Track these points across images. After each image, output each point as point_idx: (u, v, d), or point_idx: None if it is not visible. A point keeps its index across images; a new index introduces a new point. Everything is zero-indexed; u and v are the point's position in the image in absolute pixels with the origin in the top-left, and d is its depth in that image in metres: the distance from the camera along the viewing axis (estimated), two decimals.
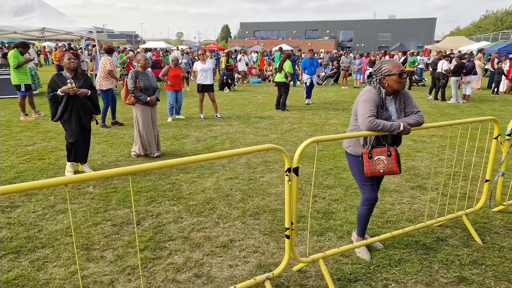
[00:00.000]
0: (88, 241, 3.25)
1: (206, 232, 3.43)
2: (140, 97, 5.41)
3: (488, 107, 11.29)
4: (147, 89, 5.48)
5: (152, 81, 5.59)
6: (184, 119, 8.75)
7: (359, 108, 2.75)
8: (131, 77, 5.44)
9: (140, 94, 5.42)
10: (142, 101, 5.43)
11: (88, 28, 12.45)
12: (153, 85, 5.58)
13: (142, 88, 5.45)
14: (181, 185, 4.58)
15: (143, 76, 5.49)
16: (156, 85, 5.69)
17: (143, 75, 5.51)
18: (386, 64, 2.77)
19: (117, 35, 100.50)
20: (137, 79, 5.44)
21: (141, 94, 5.42)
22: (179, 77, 8.44)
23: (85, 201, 4.06)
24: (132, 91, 5.42)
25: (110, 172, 1.95)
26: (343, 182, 4.71)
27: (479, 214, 3.79)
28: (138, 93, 5.41)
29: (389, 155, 2.73)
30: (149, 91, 5.51)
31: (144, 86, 5.44)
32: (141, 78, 5.46)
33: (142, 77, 5.47)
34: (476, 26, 52.48)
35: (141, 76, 5.49)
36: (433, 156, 5.89)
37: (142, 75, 5.50)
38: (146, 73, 5.59)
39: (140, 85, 5.43)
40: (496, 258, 3.03)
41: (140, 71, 5.55)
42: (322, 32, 73.36)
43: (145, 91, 5.47)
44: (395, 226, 3.55)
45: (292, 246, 2.57)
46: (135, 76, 5.45)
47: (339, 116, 9.45)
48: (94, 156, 5.74)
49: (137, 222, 3.60)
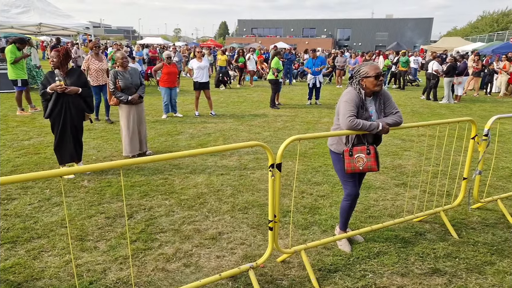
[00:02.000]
0: (82, 232, 3.39)
1: (196, 225, 3.58)
2: (120, 97, 5.37)
3: (478, 107, 11.50)
4: (128, 88, 5.42)
5: (134, 78, 5.50)
6: (181, 117, 8.79)
7: (340, 108, 2.91)
8: (111, 77, 5.42)
9: (121, 95, 5.37)
10: (123, 101, 5.39)
11: (85, 24, 12.51)
12: (135, 82, 5.50)
13: (122, 88, 5.39)
14: (173, 180, 4.72)
15: (122, 75, 5.43)
16: (139, 81, 5.59)
17: (122, 74, 5.44)
18: (364, 66, 2.92)
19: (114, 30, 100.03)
20: (116, 78, 5.39)
21: (122, 94, 5.37)
22: (174, 74, 8.54)
23: (79, 195, 4.19)
24: (113, 92, 5.40)
25: (103, 165, 2.09)
26: (331, 179, 4.87)
27: (458, 210, 3.97)
28: (118, 94, 5.38)
29: (368, 153, 2.89)
30: (131, 89, 5.44)
31: (124, 85, 5.39)
32: (121, 77, 5.41)
33: (122, 76, 5.42)
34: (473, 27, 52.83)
35: (121, 75, 5.43)
36: (420, 155, 6.07)
37: (122, 74, 5.44)
38: (127, 71, 5.53)
39: (120, 85, 5.38)
40: (470, 252, 3.20)
41: (119, 70, 5.48)
42: (319, 30, 73.50)
43: (126, 90, 5.41)
44: (377, 222, 3.71)
45: (275, 238, 2.73)
46: (114, 76, 5.40)
47: (332, 115, 9.61)
48: (89, 151, 5.87)
49: (130, 215, 3.75)
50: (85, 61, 7.39)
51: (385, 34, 69.09)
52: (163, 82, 8.46)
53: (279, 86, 10.64)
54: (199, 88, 8.87)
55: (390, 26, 69.91)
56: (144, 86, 5.72)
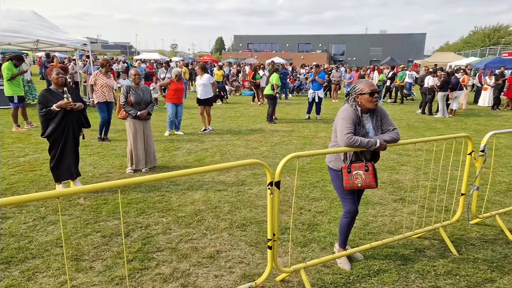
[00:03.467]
0: (78, 252, 3.34)
1: (193, 243, 3.54)
2: (129, 111, 5.49)
3: (473, 121, 11.61)
4: (139, 103, 5.56)
5: (145, 95, 5.68)
6: (183, 135, 8.60)
7: (338, 126, 2.92)
8: (123, 92, 5.57)
9: (130, 109, 5.49)
10: (131, 115, 5.51)
11: (82, 40, 12.61)
12: (145, 99, 5.66)
13: (133, 103, 5.53)
14: (170, 197, 4.68)
15: (135, 91, 5.59)
16: (150, 99, 5.77)
17: (135, 90, 5.60)
18: (359, 83, 2.96)
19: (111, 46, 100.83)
20: (128, 93, 5.55)
21: (131, 109, 5.49)
22: (181, 91, 8.54)
23: (75, 213, 4.14)
24: (123, 105, 5.52)
25: (100, 185, 2.07)
26: (329, 195, 4.86)
27: (456, 226, 3.95)
28: (127, 108, 5.50)
29: (366, 170, 2.89)
30: (141, 105, 5.59)
31: (135, 101, 5.54)
32: (133, 92, 5.57)
33: (134, 92, 5.58)
34: (465, 42, 53.72)
35: (133, 90, 5.59)
36: (417, 169, 6.08)
37: (134, 90, 5.60)
38: (139, 87, 5.71)
39: (131, 100, 5.53)
40: (470, 269, 3.18)
41: (132, 86, 5.67)
42: (314, 45, 74.48)
43: (137, 105, 5.55)
44: (376, 238, 3.69)
45: (275, 257, 2.69)
46: (126, 90, 5.57)
47: (328, 130, 9.65)
48: (86, 168, 5.83)
49: (126, 233, 3.70)
50: (93, 76, 7.46)
51: (379, 49, 70.13)
52: (170, 98, 8.38)
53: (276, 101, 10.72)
54: (200, 103, 8.90)
55: (384, 41, 71.04)
56: (153, 104, 5.88)
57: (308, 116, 11.47)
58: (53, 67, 4.74)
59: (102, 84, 7.37)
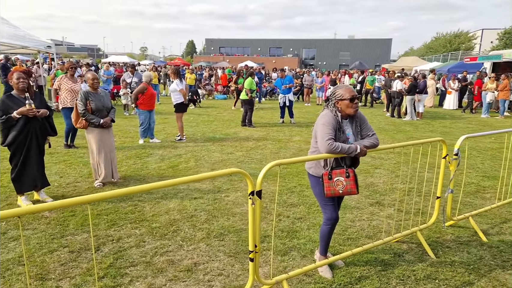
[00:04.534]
0: (43, 270, 3.09)
1: (169, 256, 3.37)
2: (92, 120, 5.03)
3: (439, 124, 12.04)
4: (100, 110, 5.10)
5: (105, 100, 5.25)
6: (159, 142, 8.18)
7: (318, 132, 2.87)
8: (81, 98, 5.03)
9: (92, 117, 5.03)
10: (95, 124, 5.07)
11: (46, 42, 12.03)
12: (107, 105, 5.23)
13: (94, 110, 5.05)
14: (144, 207, 4.48)
15: (94, 97, 5.10)
16: (110, 104, 5.35)
17: (94, 96, 5.11)
18: (339, 89, 2.93)
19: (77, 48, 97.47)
20: (88, 100, 5.04)
21: (93, 117, 5.03)
22: (154, 96, 8.17)
23: (40, 227, 3.86)
24: (83, 114, 5.02)
25: (67, 202, 1.89)
26: (307, 200, 4.82)
27: (432, 229, 4.01)
28: (89, 116, 5.02)
29: (347, 176, 2.86)
30: (102, 112, 5.14)
31: (96, 108, 5.06)
32: (92, 99, 5.07)
33: (93, 98, 5.08)
34: (428, 47, 56.16)
35: (92, 96, 5.09)
36: (390, 172, 6.18)
37: (93, 96, 5.10)
38: (98, 92, 5.22)
39: (92, 107, 5.04)
40: (448, 272, 3.21)
41: (91, 91, 5.16)
42: (286, 49, 75.38)
43: (98, 112, 5.09)
44: (356, 243, 3.67)
45: (256, 269, 2.60)
46: (85, 97, 5.03)
47: (303, 133, 9.68)
48: (51, 177, 5.48)
49: (97, 248, 3.47)
50: (57, 81, 7.01)
51: (347, 54, 72.00)
52: (144, 104, 7.87)
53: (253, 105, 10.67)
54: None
55: (352, 46, 73.04)
56: (115, 109, 5.48)
57: (282, 121, 11.50)
58: (14, 71, 4.39)
59: (67, 88, 6.90)
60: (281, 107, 11.47)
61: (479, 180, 5.89)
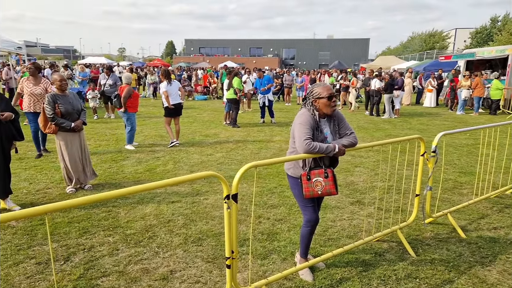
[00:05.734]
0: (7, 284, 2.89)
1: (144, 264, 3.23)
2: (62, 124, 4.77)
3: (416, 121, 12.23)
4: (70, 113, 4.85)
5: (75, 103, 4.98)
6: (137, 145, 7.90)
7: (295, 131, 2.79)
8: (48, 102, 4.74)
9: (63, 121, 4.77)
10: (66, 128, 4.82)
11: (16, 43, 11.57)
12: (76, 107, 4.96)
13: (63, 113, 4.80)
14: (118, 213, 4.30)
15: (62, 100, 4.83)
16: (81, 106, 5.07)
17: (62, 98, 4.84)
18: (317, 87, 2.86)
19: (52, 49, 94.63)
20: (56, 103, 4.76)
21: (64, 121, 4.78)
22: (138, 97, 7.92)
23: (5, 237, 3.63)
24: (52, 119, 4.74)
25: (27, 212, 1.74)
26: (287, 201, 4.74)
27: (412, 226, 4.00)
28: (60, 120, 4.76)
29: (326, 177, 2.79)
30: (73, 115, 4.89)
31: (65, 111, 4.81)
32: (61, 101, 4.80)
33: (62, 101, 4.82)
34: (404, 46, 57.43)
35: (60, 99, 4.82)
36: (370, 170, 6.19)
37: (62, 98, 4.84)
38: (66, 94, 4.94)
39: (61, 110, 4.77)
40: (429, 270, 3.19)
41: (58, 93, 4.88)
42: (266, 50, 75.55)
43: (68, 116, 4.84)
44: (337, 244, 3.62)
45: (234, 276, 2.49)
46: (52, 100, 4.75)
47: (283, 133, 9.63)
48: (20, 184, 5.22)
49: (66, 258, 3.29)
50: (20, 83, 6.53)
51: (327, 54, 72.81)
52: (132, 107, 7.52)
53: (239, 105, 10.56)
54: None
55: (332, 46, 73.91)
56: (85, 111, 5.23)
57: (263, 121, 11.43)
58: None
59: (27, 92, 6.32)
60: (261, 107, 11.43)
61: (456, 176, 5.97)
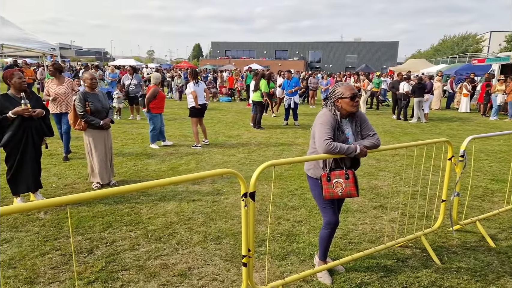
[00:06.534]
0: (33, 273, 3.00)
1: (163, 260, 3.27)
2: (92, 121, 4.92)
3: (446, 126, 11.82)
4: (99, 111, 4.99)
5: (104, 101, 5.14)
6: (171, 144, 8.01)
7: (316, 131, 2.75)
8: (79, 99, 4.88)
9: (92, 119, 4.92)
10: (95, 125, 4.96)
11: (51, 45, 12.07)
12: (105, 106, 5.11)
13: (93, 111, 4.94)
14: (141, 209, 4.39)
15: (92, 97, 4.98)
16: (108, 105, 5.25)
17: (92, 96, 4.99)
18: (339, 87, 2.81)
19: (85, 51, 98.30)
20: (86, 101, 4.91)
21: (93, 118, 4.93)
22: (164, 98, 8.04)
23: (34, 229, 3.78)
24: (82, 116, 4.89)
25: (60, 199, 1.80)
26: (308, 203, 4.69)
27: (437, 233, 3.86)
28: (89, 118, 4.91)
29: (347, 178, 2.73)
30: (101, 113, 5.03)
31: (95, 109, 4.95)
32: (91, 99, 4.95)
33: (92, 99, 4.97)
34: (435, 50, 55.61)
35: (91, 97, 4.97)
36: (395, 175, 6.02)
37: (92, 97, 4.99)
38: (96, 93, 5.09)
39: (91, 108, 4.92)
40: (454, 279, 3.06)
41: (89, 92, 5.03)
42: (292, 52, 75.25)
43: (97, 113, 4.98)
44: (357, 248, 3.53)
45: (250, 274, 2.48)
46: (83, 98, 4.90)
47: (306, 136, 9.55)
48: (49, 178, 5.43)
49: (89, 251, 3.38)
50: (46, 87, 6.40)
51: (354, 57, 71.59)
52: (156, 108, 7.64)
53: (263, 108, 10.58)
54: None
55: (359, 49, 72.64)
56: (113, 110, 5.40)
57: (286, 123, 11.38)
58: (14, 70, 4.33)
59: (53, 94, 6.20)
60: (286, 109, 11.39)
61: (487, 183, 5.71)
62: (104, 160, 5.13)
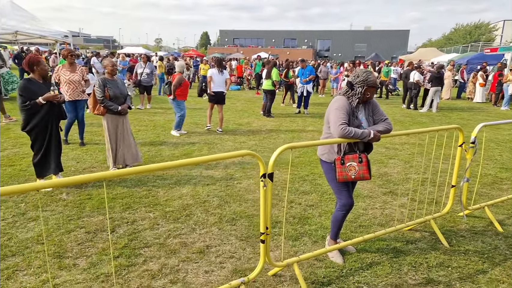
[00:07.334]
0: (61, 248, 3.19)
1: (182, 239, 3.43)
2: (111, 107, 5.04)
3: (457, 116, 11.78)
4: (117, 97, 5.11)
5: (122, 88, 5.30)
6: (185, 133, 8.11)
7: (331, 116, 2.85)
8: (99, 85, 5.02)
9: (111, 104, 5.04)
10: (113, 110, 5.09)
11: (63, 32, 12.21)
12: (123, 92, 5.23)
13: (111, 97, 5.06)
14: (157, 192, 4.55)
15: (111, 84, 5.11)
16: (127, 91, 5.40)
17: (111, 83, 5.12)
18: (371, 75, 2.85)
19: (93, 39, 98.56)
20: (106, 87, 5.03)
21: (112, 104, 5.05)
22: (188, 86, 8.19)
23: (58, 208, 3.97)
24: (102, 101, 5.02)
25: (83, 177, 1.95)
26: (319, 188, 4.81)
27: (446, 218, 3.96)
28: (108, 103, 5.03)
29: (360, 162, 2.84)
30: (120, 99, 5.15)
31: (113, 95, 5.07)
32: (110, 86, 5.08)
33: (111, 85, 5.09)
34: (447, 38, 54.68)
35: (110, 83, 5.09)
36: (405, 163, 6.10)
37: (111, 83, 5.11)
38: (115, 80, 5.21)
39: (110, 94, 5.04)
40: (462, 260, 3.18)
41: (108, 78, 5.15)
42: (300, 41, 74.57)
43: (115, 99, 5.10)
44: (367, 231, 3.66)
45: (267, 251, 2.62)
46: (103, 84, 5.03)
47: (316, 124, 9.63)
48: (68, 162, 5.62)
49: (112, 229, 3.56)
50: (55, 72, 6.19)
51: (363, 46, 70.73)
52: (182, 95, 7.81)
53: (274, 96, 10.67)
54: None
55: (369, 37, 71.69)
56: (131, 96, 5.54)
57: (299, 111, 11.43)
58: (39, 57, 4.49)
59: (65, 80, 6.10)
60: (299, 96, 11.44)
61: (497, 171, 5.77)
62: (120, 144, 5.28)
